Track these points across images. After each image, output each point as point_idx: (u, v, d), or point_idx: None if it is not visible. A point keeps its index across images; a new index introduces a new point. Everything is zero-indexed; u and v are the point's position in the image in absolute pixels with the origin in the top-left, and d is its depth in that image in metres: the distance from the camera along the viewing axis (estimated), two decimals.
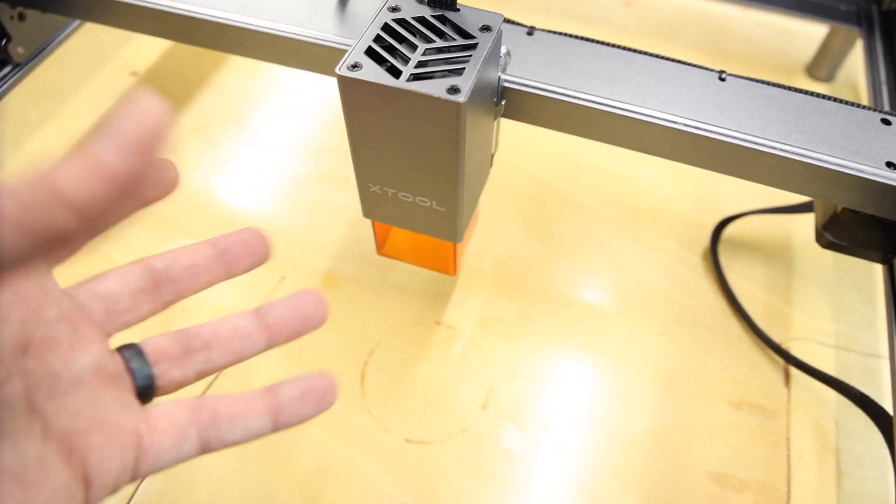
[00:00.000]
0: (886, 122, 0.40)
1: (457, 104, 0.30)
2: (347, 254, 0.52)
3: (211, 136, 0.59)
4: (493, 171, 0.42)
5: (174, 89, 0.63)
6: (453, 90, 0.30)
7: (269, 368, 0.46)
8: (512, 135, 0.43)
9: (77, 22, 0.54)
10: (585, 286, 0.51)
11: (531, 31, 0.42)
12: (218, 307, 0.49)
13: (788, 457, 0.44)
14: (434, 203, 0.37)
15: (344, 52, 0.41)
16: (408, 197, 0.37)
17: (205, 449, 0.22)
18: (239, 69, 0.65)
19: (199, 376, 0.23)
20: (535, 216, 0.55)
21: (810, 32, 0.70)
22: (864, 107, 0.41)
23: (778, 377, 0.47)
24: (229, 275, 0.25)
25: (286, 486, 0.41)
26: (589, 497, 0.42)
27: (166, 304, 0.24)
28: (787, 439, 0.45)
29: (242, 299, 0.49)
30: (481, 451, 0.43)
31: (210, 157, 0.58)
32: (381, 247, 0.45)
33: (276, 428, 0.23)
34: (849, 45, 0.65)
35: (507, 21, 0.43)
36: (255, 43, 0.43)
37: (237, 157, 0.58)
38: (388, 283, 0.50)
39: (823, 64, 0.67)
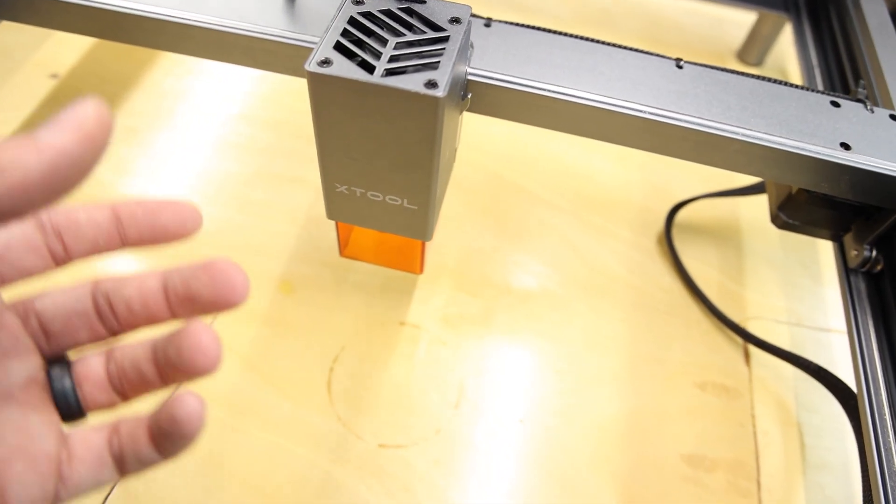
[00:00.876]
0: (836, 105, 0.41)
1: (435, 99, 0.29)
2: (302, 256, 0.50)
3: (142, 140, 0.56)
4: None
5: (99, 91, 0.59)
6: (431, 84, 0.29)
7: (228, 378, 0.44)
8: (464, 128, 0.42)
9: None
10: (545, 277, 0.51)
11: (488, 22, 0.41)
12: None
13: (755, 433, 0.45)
14: (405, 201, 0.36)
15: (299, 48, 0.39)
16: (377, 196, 0.36)
17: (122, 472, 0.21)
18: (167, 68, 0.62)
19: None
20: (491, 209, 0.54)
21: (740, 20, 0.73)
22: (813, 90, 0.42)
23: (738, 356, 0.48)
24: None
25: (259, 502, 0.40)
26: (568, 487, 0.42)
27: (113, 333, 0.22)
28: (752, 416, 0.46)
29: None
30: (457, 451, 0.42)
31: (144, 162, 0.55)
32: (344, 248, 0.43)
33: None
34: (777, 31, 0.67)
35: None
36: (202, 41, 0.40)
37: (173, 161, 0.55)
38: (348, 284, 0.49)
39: (753, 49, 0.69)
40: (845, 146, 0.39)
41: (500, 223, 0.53)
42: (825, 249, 0.53)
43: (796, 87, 0.42)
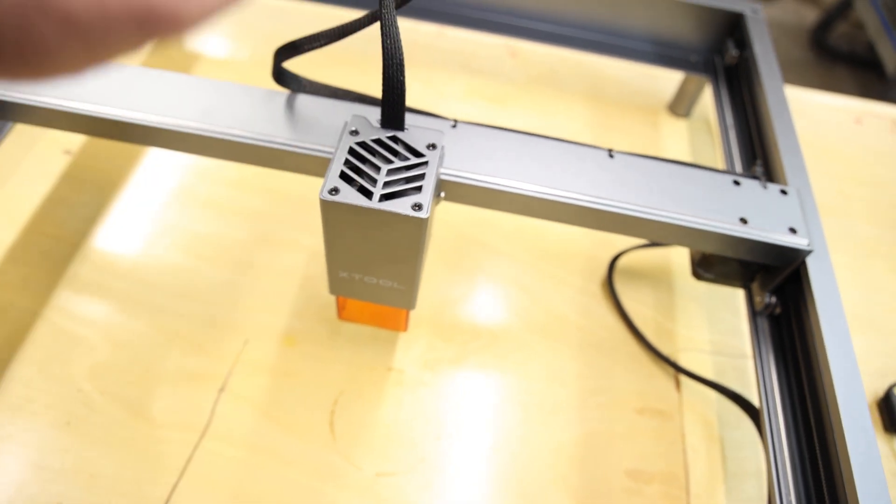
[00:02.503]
0: (737, 183, 0.51)
1: (421, 220, 0.38)
2: (300, 313, 0.58)
3: (146, 207, 0.64)
4: None
5: (108, 165, 0.67)
6: (417, 207, 0.38)
7: (247, 422, 0.52)
8: None
9: (9, 125, 0.58)
10: (508, 322, 0.60)
11: (455, 123, 0.50)
12: (188, 371, 0.54)
13: (684, 449, 0.55)
14: (395, 283, 0.45)
15: (299, 154, 0.48)
16: (372, 280, 0.45)
17: None
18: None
19: None
20: (459, 264, 0.63)
21: (670, 76, 0.83)
22: (720, 171, 0.52)
23: (670, 384, 0.58)
24: None
25: None
26: (530, 502, 0.51)
27: None
28: (682, 435, 0.56)
29: (213, 365, 0.55)
30: (440, 477, 0.51)
31: (146, 227, 0.62)
32: (342, 312, 0.52)
33: None
34: (701, 88, 0.77)
35: (435, 116, 0.51)
36: (219, 148, 0.49)
37: (175, 226, 0.63)
38: (341, 337, 0.57)
39: (682, 103, 0.79)
40: (743, 221, 0.49)
41: (467, 276, 0.62)
42: (739, 290, 0.63)
43: (706, 168, 0.51)
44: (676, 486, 0.53)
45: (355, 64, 0.79)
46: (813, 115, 0.83)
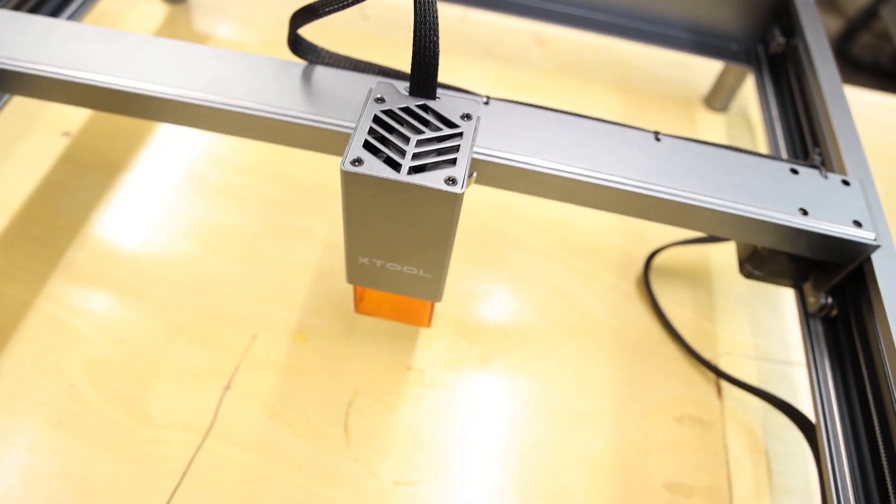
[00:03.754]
0: (795, 172, 0.47)
1: (455, 194, 0.34)
2: (314, 308, 0.54)
3: (151, 191, 0.60)
4: None
5: (109, 147, 0.63)
6: (451, 181, 0.34)
7: (255, 423, 0.48)
8: None
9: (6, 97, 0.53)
10: (536, 322, 0.56)
11: (487, 100, 0.46)
12: (191, 367, 0.50)
13: (727, 461, 0.50)
14: (421, 271, 0.40)
15: (314, 128, 0.44)
16: (396, 267, 0.40)
17: None
18: (179, 129, 0.65)
19: None
20: (486, 259, 0.59)
21: (707, 67, 0.78)
22: (776, 158, 0.47)
23: (711, 391, 0.54)
24: None
25: None
26: None
27: None
28: (725, 446, 0.51)
29: (218, 361, 0.50)
30: (462, 486, 0.47)
31: (153, 213, 0.58)
32: (359, 305, 0.48)
33: None
34: (740, 80, 0.73)
35: (465, 91, 0.47)
36: (228, 122, 0.45)
37: (181, 213, 0.59)
38: (357, 333, 0.53)
39: (719, 96, 0.75)
40: (804, 212, 0.44)
41: (494, 272, 0.58)
42: (787, 290, 0.59)
43: (761, 155, 0.47)
44: (719, 501, 0.49)
45: (371, 48, 0.76)
46: (857, 113, 0.79)
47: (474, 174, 0.43)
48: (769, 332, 0.58)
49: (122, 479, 0.45)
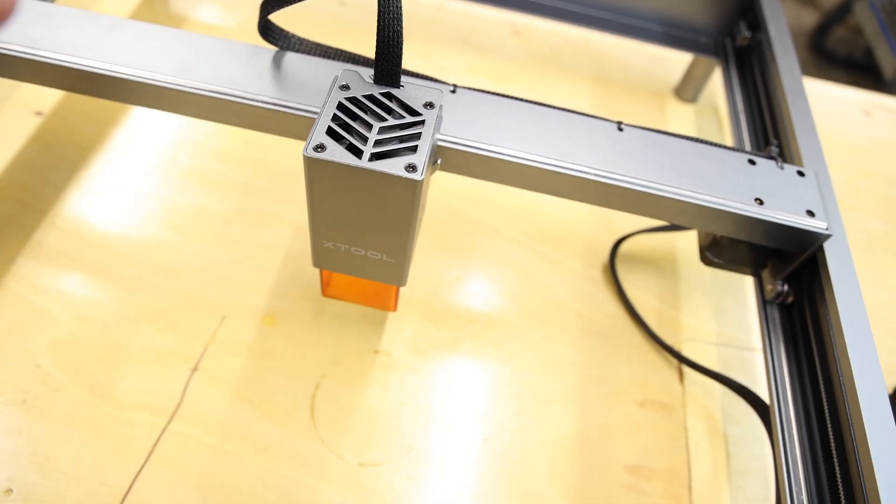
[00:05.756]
0: (752, 162, 0.48)
1: (415, 181, 0.34)
2: (283, 291, 0.55)
3: (122, 175, 0.60)
4: None
5: (83, 128, 0.63)
6: (411, 168, 0.35)
7: (222, 406, 0.48)
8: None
9: None
10: (504, 307, 0.57)
11: (454, 88, 0.47)
12: (158, 349, 0.50)
13: (687, 444, 0.52)
14: (384, 256, 0.41)
15: (284, 113, 0.44)
16: (360, 251, 0.41)
17: None
18: (155, 113, 0.65)
19: None
20: (455, 245, 0.60)
21: (678, 59, 0.79)
22: (734, 149, 0.48)
23: (673, 376, 0.55)
24: None
25: None
26: (526, 498, 0.48)
27: None
28: (685, 429, 0.52)
29: (186, 343, 0.51)
30: (428, 468, 0.48)
31: (124, 197, 0.58)
32: (325, 289, 0.48)
33: None
34: (709, 72, 0.74)
35: (432, 79, 0.48)
36: (197, 105, 0.45)
37: (152, 196, 0.59)
38: (326, 317, 0.54)
39: (689, 87, 0.76)
40: (759, 201, 0.45)
41: (463, 258, 0.59)
42: (749, 278, 0.60)
43: (719, 146, 0.48)
44: (678, 484, 0.50)
45: (349, 34, 0.76)
46: (820, 106, 0.80)
47: (438, 161, 0.44)
48: (731, 318, 0.59)
49: (86, 458, 0.45)
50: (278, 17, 0.45)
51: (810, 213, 0.46)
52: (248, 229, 0.58)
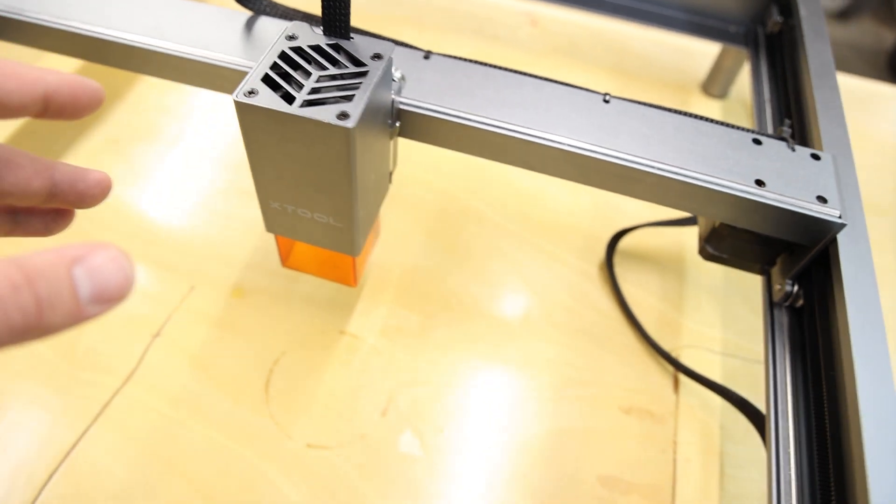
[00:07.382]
0: (757, 142, 0.43)
1: (346, 129, 0.32)
2: (256, 266, 0.53)
3: (124, 150, 0.59)
4: (398, 183, 0.44)
5: None
6: (343, 116, 0.32)
7: (177, 374, 0.46)
8: (417, 149, 0.44)
9: None
10: (487, 298, 0.53)
11: (427, 55, 0.44)
12: (123, 311, 0.49)
13: (675, 460, 0.47)
14: (332, 219, 0.38)
15: (245, 74, 0.42)
16: (306, 213, 0.39)
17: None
18: (154, 84, 0.65)
19: None
20: (440, 229, 0.56)
21: (704, 51, 0.74)
22: (739, 128, 0.44)
23: (667, 383, 0.50)
24: None
25: (182, 488, 0.42)
26: (484, 500, 0.44)
27: None
28: (675, 443, 0.47)
29: (152, 309, 0.49)
30: (380, 456, 0.45)
31: (123, 170, 0.58)
32: (286, 259, 0.46)
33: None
34: (739, 64, 0.69)
35: (405, 45, 0.45)
36: (163, 65, 0.44)
37: (150, 171, 0.58)
38: (295, 294, 0.51)
39: (717, 82, 0.71)
40: (759, 182, 0.40)
41: (447, 243, 0.56)
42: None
43: (720, 123, 0.44)
44: (658, 501, 0.45)
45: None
46: (862, 101, 0.73)
47: (397, 124, 0.41)
48: (740, 326, 0.54)
49: (36, 413, 0.44)
50: None
51: (822, 200, 0.40)
52: (232, 204, 0.56)
